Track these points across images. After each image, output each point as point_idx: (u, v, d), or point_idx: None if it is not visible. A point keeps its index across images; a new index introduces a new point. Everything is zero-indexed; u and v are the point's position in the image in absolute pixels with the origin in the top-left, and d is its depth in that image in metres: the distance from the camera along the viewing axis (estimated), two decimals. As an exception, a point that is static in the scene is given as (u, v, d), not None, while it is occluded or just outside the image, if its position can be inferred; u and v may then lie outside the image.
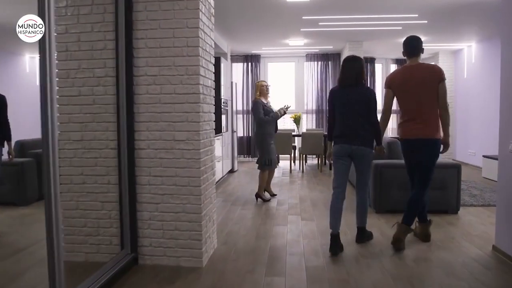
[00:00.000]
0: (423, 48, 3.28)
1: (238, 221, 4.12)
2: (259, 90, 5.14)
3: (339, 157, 3.23)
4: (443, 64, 8.76)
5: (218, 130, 6.39)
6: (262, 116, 4.91)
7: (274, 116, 5.00)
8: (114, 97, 2.83)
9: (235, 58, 9.17)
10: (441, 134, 3.18)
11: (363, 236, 3.41)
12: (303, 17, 5.79)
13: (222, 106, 6.52)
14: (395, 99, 3.35)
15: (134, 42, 2.82)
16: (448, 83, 8.80)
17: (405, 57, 3.31)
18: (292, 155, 8.50)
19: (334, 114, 3.30)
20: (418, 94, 3.13)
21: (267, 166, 4.97)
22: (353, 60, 3.23)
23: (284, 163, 8.59)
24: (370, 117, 3.16)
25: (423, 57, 9.86)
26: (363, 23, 6.15)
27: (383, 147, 3.39)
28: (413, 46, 3.25)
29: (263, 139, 4.97)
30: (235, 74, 9.28)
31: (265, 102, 5.12)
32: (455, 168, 4.25)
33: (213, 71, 3.22)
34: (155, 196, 2.90)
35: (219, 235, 3.53)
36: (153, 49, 2.82)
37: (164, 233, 2.91)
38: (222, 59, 6.69)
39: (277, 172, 7.43)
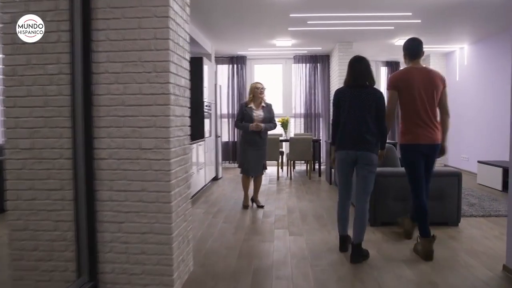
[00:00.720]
0: (424, 51, 3.25)
1: (218, 237, 3.70)
2: (252, 92, 4.77)
3: (344, 163, 3.08)
4: (435, 66, 8.52)
5: (200, 135, 5.99)
6: (236, 122, 4.83)
7: (243, 127, 4.75)
8: (70, 98, 2.39)
9: (220, 59, 8.78)
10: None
11: (359, 255, 3.03)
12: (290, 15, 5.44)
13: (205, 110, 6.11)
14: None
15: (93, 34, 2.40)
16: (439, 86, 8.64)
17: (406, 60, 3.24)
18: (280, 161, 8.18)
19: (339, 116, 3.11)
20: (428, 97, 3.09)
21: (243, 171, 4.87)
22: (361, 60, 3.08)
23: (271, 170, 8.21)
24: (378, 120, 3.00)
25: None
26: (354, 21, 5.83)
27: (384, 152, 3.21)
28: (416, 47, 3.19)
29: (240, 145, 4.97)
30: (220, 76, 8.88)
31: (250, 106, 4.75)
32: (455, 177, 3.91)
33: (188, 69, 2.82)
34: (118, 215, 2.47)
35: (196, 255, 3.12)
36: (116, 42, 2.40)
37: (129, 258, 2.48)
38: (206, 60, 6.28)
39: (263, 180, 7.04)
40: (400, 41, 7.04)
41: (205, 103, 6.13)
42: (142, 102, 2.41)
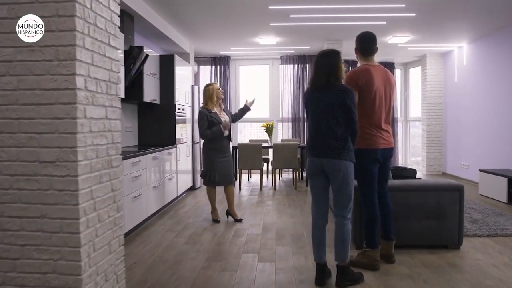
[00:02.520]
0: (377, 47, 3.00)
1: (173, 263, 3.09)
2: (215, 94, 4.23)
3: (311, 174, 2.70)
4: (431, 68, 7.97)
5: (171, 141, 5.39)
6: (204, 132, 4.22)
7: (216, 132, 4.19)
8: None
9: (202, 60, 8.20)
10: None
11: (344, 278, 2.59)
12: (270, 7, 4.86)
13: (176, 114, 5.51)
14: None
15: (-24, 10, 1.82)
16: (437, 88, 8.07)
17: (359, 55, 3.00)
18: (266, 169, 7.59)
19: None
20: (386, 99, 2.91)
21: (207, 182, 4.35)
22: (326, 55, 2.64)
23: (255, 179, 7.61)
24: (349, 122, 2.57)
25: (410, 60, 8.97)
26: (341, 15, 5.26)
27: None
28: (371, 42, 2.97)
29: (206, 152, 4.34)
30: (203, 78, 8.30)
31: (214, 111, 4.20)
32: (456, 191, 3.31)
33: (117, 59, 2.22)
34: (11, 249, 1.87)
35: (135, 292, 2.51)
36: (6, 21, 1.82)
37: (27, 306, 1.88)
38: (178, 59, 5.69)
39: (245, 190, 6.43)
40: (394, 39, 6.48)
41: (177, 106, 5.53)
42: (40, 100, 1.82)
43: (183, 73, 5.93)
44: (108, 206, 2.11)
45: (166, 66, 5.44)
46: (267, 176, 7.71)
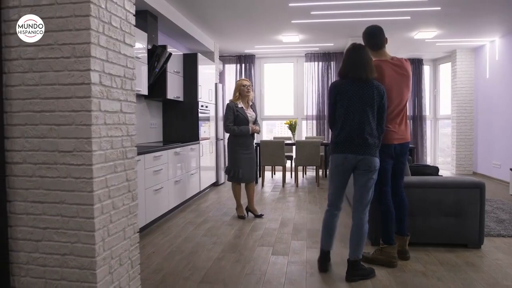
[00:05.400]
0: (386, 39, 2.97)
1: (189, 254, 3.20)
2: (238, 90, 4.32)
3: (342, 170, 2.64)
4: (462, 63, 7.70)
5: (194, 137, 5.54)
6: (228, 125, 4.25)
7: (242, 131, 4.25)
8: (-22, 90, 1.99)
9: (227, 58, 8.33)
10: None
11: (354, 274, 2.62)
12: (290, 4, 4.90)
13: (200, 111, 5.65)
14: None
15: (3, 13, 1.98)
16: (467, 85, 7.78)
17: (370, 51, 2.79)
18: (290, 166, 7.62)
19: (335, 113, 2.68)
20: (399, 92, 2.85)
21: (231, 178, 4.37)
22: (361, 49, 2.64)
23: (278, 176, 7.66)
24: (380, 120, 2.62)
25: (439, 56, 8.68)
26: (362, 11, 5.20)
27: None
28: (377, 35, 2.92)
29: (232, 148, 4.36)
30: (228, 76, 8.44)
31: (241, 106, 4.27)
32: (477, 189, 3.22)
33: (132, 56, 2.35)
34: (34, 231, 2.03)
35: (151, 278, 2.65)
36: (30, 22, 1.97)
37: (47, 284, 2.03)
38: (202, 57, 5.84)
39: (267, 187, 6.50)
40: (420, 34, 6.32)
41: (200, 104, 5.67)
42: (59, 94, 1.96)
43: (206, 71, 6.06)
44: (123, 195, 2.23)
45: (189, 64, 5.59)
46: (291, 174, 7.73)
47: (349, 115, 2.58)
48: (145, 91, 4.34)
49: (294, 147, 6.84)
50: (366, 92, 2.55)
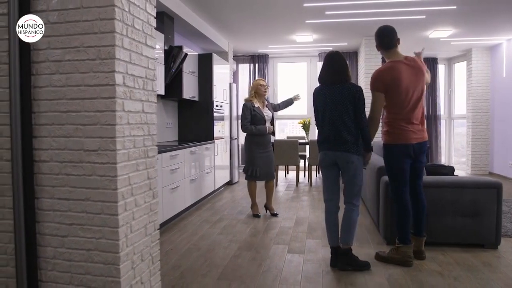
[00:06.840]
0: (398, 39, 2.95)
1: (206, 251, 3.26)
2: (255, 90, 4.37)
3: (325, 166, 2.94)
4: (477, 62, 7.60)
5: (209, 137, 5.61)
6: (246, 125, 4.30)
7: (260, 130, 4.31)
8: (7, 91, 2.07)
9: (241, 58, 8.39)
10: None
11: (345, 262, 2.81)
12: (304, 4, 4.92)
13: (214, 110, 5.71)
14: None
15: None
16: (483, 84, 7.68)
17: (382, 51, 2.97)
18: (304, 165, 7.64)
19: (318, 116, 2.99)
20: (416, 92, 2.85)
21: (249, 176, 4.42)
22: (335, 55, 2.90)
23: (292, 175, 7.68)
24: (357, 117, 2.78)
25: (454, 55, 8.58)
26: (377, 11, 5.19)
27: (370, 153, 2.93)
28: (389, 35, 2.91)
29: (248, 147, 4.42)
30: (242, 76, 8.49)
31: (257, 105, 4.31)
32: (494, 189, 3.20)
33: (153, 57, 2.41)
34: (60, 227, 2.11)
35: (170, 274, 2.71)
36: (57, 25, 2.04)
37: (73, 278, 2.11)
38: (216, 57, 5.90)
39: (281, 186, 6.53)
40: (436, 33, 6.27)
41: (215, 103, 5.74)
42: (85, 95, 2.03)
43: (221, 71, 6.13)
44: (144, 193, 2.30)
45: (204, 65, 5.66)
46: (304, 173, 7.75)
47: (325, 116, 2.84)
48: (161, 91, 4.41)
49: (307, 146, 6.86)
50: (338, 93, 2.77)
